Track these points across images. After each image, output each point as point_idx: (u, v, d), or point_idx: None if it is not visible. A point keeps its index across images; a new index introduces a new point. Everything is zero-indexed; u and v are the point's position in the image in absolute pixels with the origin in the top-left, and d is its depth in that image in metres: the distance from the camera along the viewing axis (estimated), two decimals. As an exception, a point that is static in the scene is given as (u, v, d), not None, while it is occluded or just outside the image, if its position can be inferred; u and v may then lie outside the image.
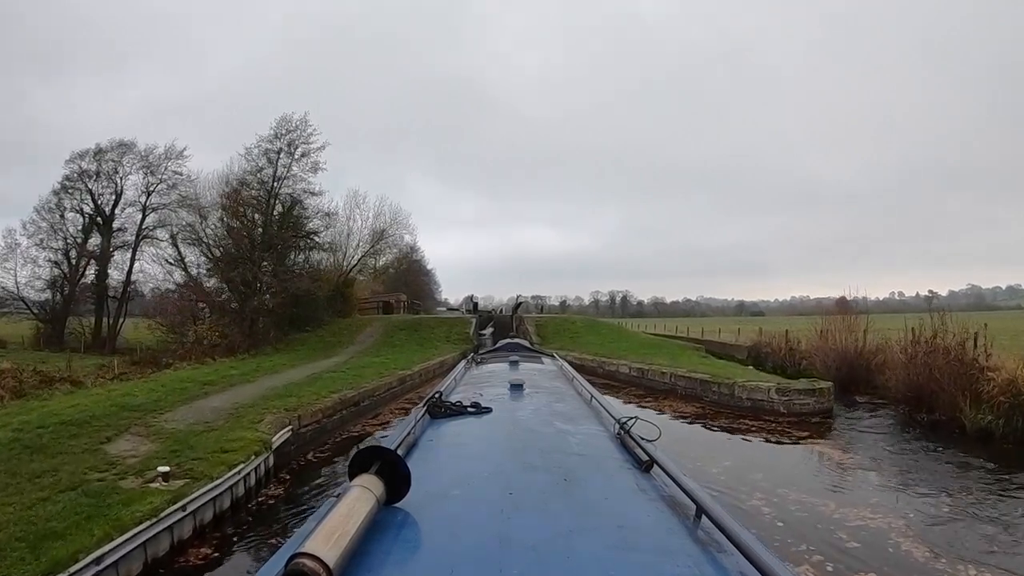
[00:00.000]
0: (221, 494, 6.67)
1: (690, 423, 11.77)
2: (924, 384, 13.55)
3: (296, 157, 24.47)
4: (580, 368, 19.55)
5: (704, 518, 1.48)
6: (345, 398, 11.34)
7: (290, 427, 9.12)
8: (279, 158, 24.23)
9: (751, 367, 21.22)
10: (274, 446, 8.40)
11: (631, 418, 2.47)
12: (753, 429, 10.92)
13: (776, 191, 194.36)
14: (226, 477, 6.74)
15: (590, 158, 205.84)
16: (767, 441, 10.12)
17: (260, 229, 23.95)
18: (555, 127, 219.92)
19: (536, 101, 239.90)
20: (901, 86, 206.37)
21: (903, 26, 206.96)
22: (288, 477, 8.15)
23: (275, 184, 24.32)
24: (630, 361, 17.95)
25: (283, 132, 24.32)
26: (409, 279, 55.33)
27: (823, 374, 17.78)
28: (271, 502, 7.17)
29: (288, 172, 24.50)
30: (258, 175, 24.24)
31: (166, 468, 6.50)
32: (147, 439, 8.70)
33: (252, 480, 7.54)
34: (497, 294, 74.67)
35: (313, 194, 25.47)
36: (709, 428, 11.20)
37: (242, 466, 7.16)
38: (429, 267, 65.67)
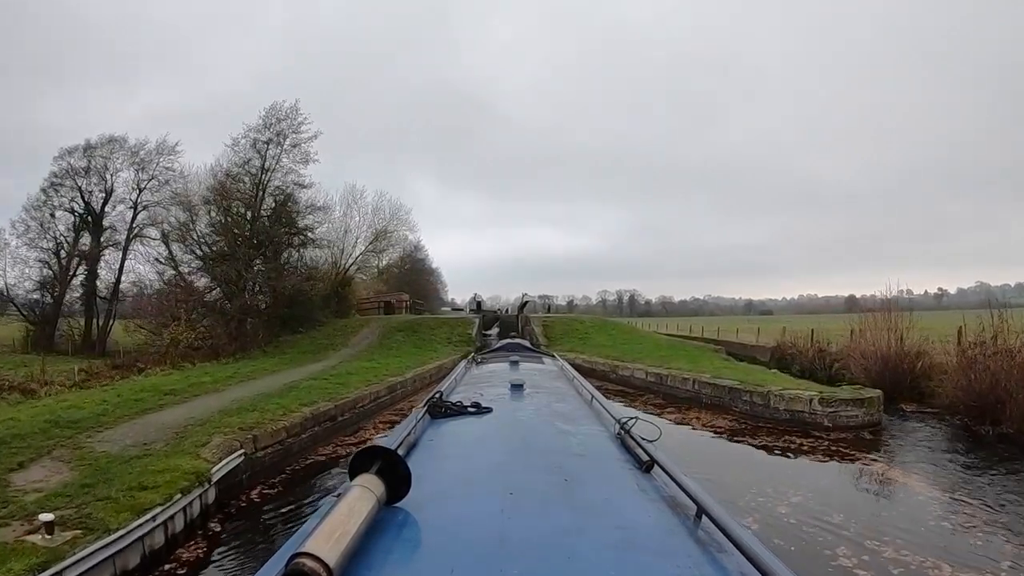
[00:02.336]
0: (123, 551, 5.10)
1: (728, 440, 9.97)
2: (987, 392, 11.82)
3: (285, 147, 22.99)
4: (591, 373, 17.86)
5: (704, 518, 1.47)
6: (318, 412, 9.72)
7: (242, 451, 7.54)
8: (268, 148, 22.75)
9: (775, 371, 19.50)
10: (215, 478, 6.82)
11: (631, 418, 2.41)
12: (804, 449, 9.16)
13: (777, 192, 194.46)
14: (129, 529, 5.16)
15: (591, 159, 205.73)
16: (825, 463, 8.36)
17: (248, 224, 22.45)
18: (555, 128, 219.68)
19: (535, 103, 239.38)
20: (901, 86, 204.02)
21: (904, 27, 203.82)
22: (217, 528, 6.38)
23: (264, 176, 22.83)
24: (646, 365, 16.18)
25: (272, 121, 22.85)
26: (413, 279, 54.01)
27: (860, 379, 16.04)
28: (181, 572, 5.45)
29: (277, 164, 23.03)
30: (245, 167, 22.77)
31: (50, 516, 4.92)
32: (67, 465, 7.20)
33: (178, 525, 5.97)
34: (504, 294, 73.16)
35: (303, 186, 23.95)
36: (753, 447, 9.42)
37: (157, 510, 5.59)
38: (434, 266, 64.29)
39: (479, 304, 33.26)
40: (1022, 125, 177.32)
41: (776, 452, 9.05)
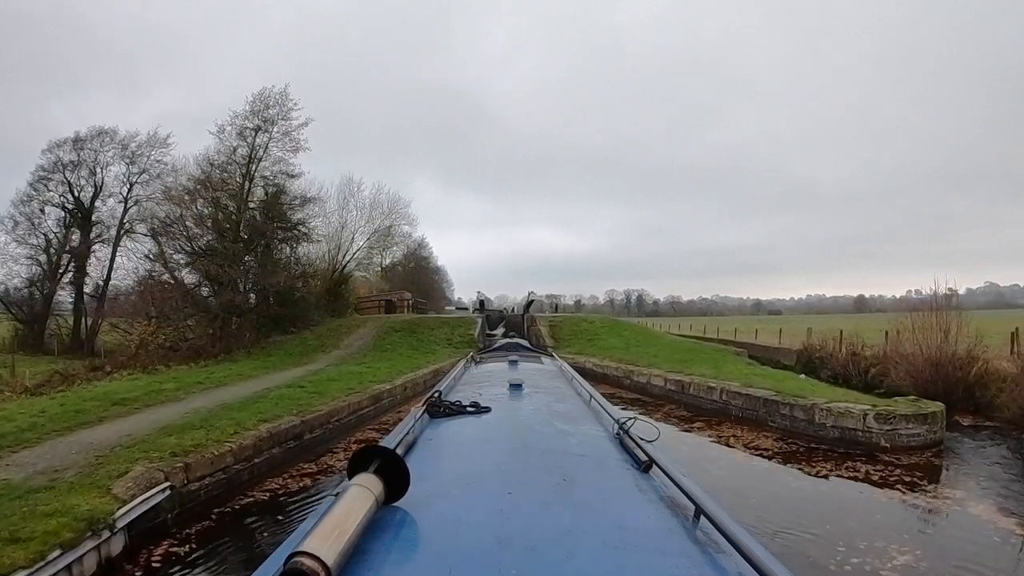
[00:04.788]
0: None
1: (782, 467, 8.15)
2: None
3: (274, 135, 21.52)
4: (602, 378, 16.14)
5: (703, 518, 1.47)
6: (279, 430, 8.15)
7: (167, 484, 6.01)
8: (255, 137, 21.30)
9: (804, 376, 17.85)
10: (122, 522, 5.30)
11: (630, 418, 2.40)
12: (875, 479, 7.40)
13: (777, 192, 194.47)
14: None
15: (591, 160, 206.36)
16: (908, 499, 6.65)
17: (234, 216, 21.00)
18: (555, 129, 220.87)
19: (535, 104, 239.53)
20: (903, 86, 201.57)
21: (905, 27, 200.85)
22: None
23: (252, 166, 21.38)
24: (664, 371, 14.48)
25: (260, 108, 21.39)
26: (417, 277, 52.71)
27: (903, 387, 14.37)
28: None
29: (266, 152, 21.56)
30: (232, 156, 21.33)
31: None
32: (-50, 500, 5.73)
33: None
34: (511, 293, 71.74)
35: (292, 176, 22.46)
36: (814, 477, 7.65)
37: (16, 579, 4.08)
38: (439, 264, 62.94)
39: (482, 303, 31.62)
40: (1021, 123, 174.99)
41: (846, 484, 7.29)
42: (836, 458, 8.28)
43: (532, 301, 29.71)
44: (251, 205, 21.64)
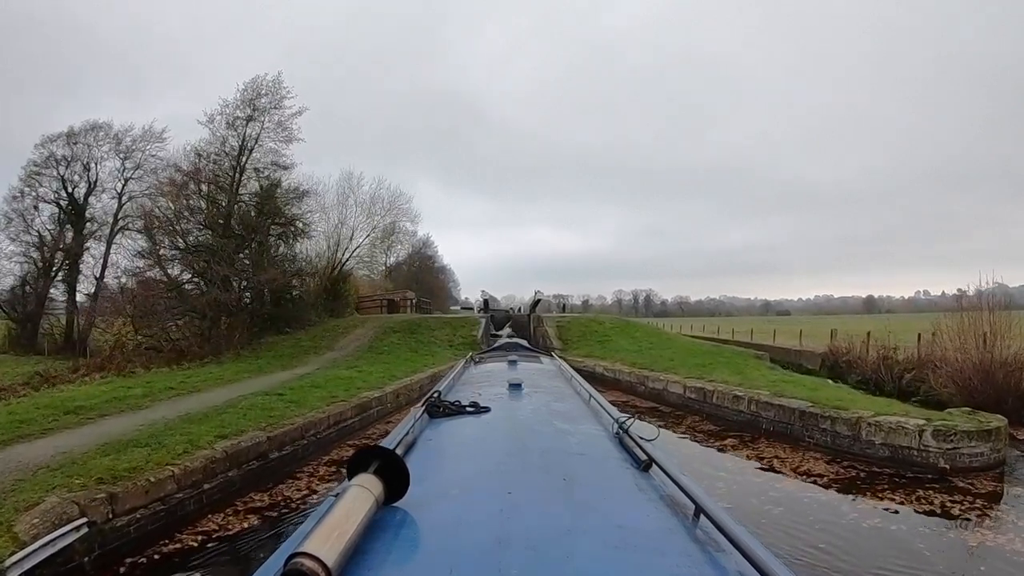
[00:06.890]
0: None
1: (843, 496, 6.76)
2: None
3: (266, 126, 20.52)
4: (614, 385, 14.78)
5: (703, 517, 1.46)
6: (238, 449, 6.97)
7: (83, 520, 4.89)
8: (246, 127, 20.30)
9: (828, 379, 16.61)
10: (14, 573, 4.20)
11: (630, 417, 2.40)
12: (955, 514, 6.06)
13: (777, 193, 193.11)
14: None
15: (592, 161, 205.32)
16: (1004, 541, 5.21)
17: (224, 210, 20.00)
18: (556, 131, 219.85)
19: (535, 106, 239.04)
20: (903, 86, 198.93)
21: (905, 27, 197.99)
22: None
23: (242, 158, 20.38)
24: (682, 376, 13.19)
25: (252, 97, 20.38)
26: (421, 277, 51.81)
27: (944, 395, 13.12)
28: None
29: (257, 144, 20.55)
30: (222, 147, 20.34)
31: None
32: None
33: None
34: (519, 293, 70.64)
35: (284, 167, 21.43)
36: (886, 511, 6.24)
37: None
38: (444, 263, 62.01)
39: (486, 303, 30.38)
40: (1021, 123, 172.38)
41: (926, 520, 5.94)
42: (904, 486, 6.88)
43: (539, 301, 28.45)
44: (243, 199, 20.63)
